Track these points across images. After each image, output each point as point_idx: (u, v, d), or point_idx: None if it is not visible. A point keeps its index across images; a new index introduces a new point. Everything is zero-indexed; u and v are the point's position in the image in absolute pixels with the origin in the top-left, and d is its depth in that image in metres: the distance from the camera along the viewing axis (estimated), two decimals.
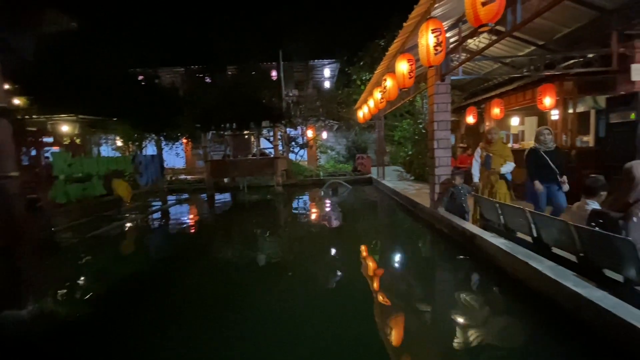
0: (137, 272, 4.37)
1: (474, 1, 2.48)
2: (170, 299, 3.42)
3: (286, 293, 3.43)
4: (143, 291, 3.70)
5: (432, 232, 5.28)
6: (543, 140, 4.24)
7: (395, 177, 12.44)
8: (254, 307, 3.10)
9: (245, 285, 3.71)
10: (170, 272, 4.30)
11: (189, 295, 3.49)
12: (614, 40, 5.03)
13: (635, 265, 2.34)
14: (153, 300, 3.43)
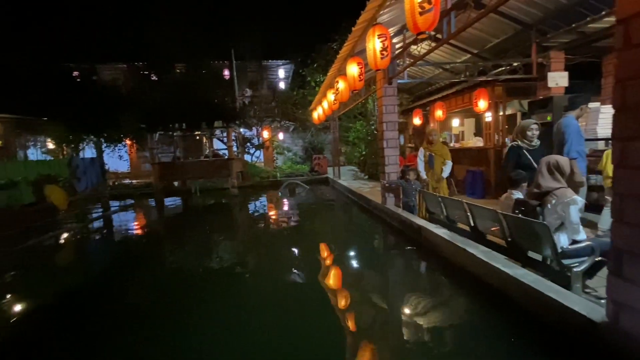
0: (73, 287, 3.98)
1: (413, 11, 2.69)
2: (111, 315, 3.11)
3: (242, 298, 3.34)
4: (80, 308, 3.34)
5: (384, 226, 5.57)
6: (530, 137, 3.65)
7: (351, 176, 12.83)
8: (207, 319, 2.90)
9: (197, 295, 3.42)
10: (113, 286, 3.96)
11: (132, 310, 3.21)
12: (534, 51, 5.73)
13: (551, 245, 2.71)
14: (91, 318, 3.08)
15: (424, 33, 2.80)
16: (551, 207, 2.86)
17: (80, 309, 3.32)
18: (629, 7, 1.61)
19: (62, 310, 3.31)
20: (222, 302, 3.24)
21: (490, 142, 7.25)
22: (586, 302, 2.14)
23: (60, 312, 3.28)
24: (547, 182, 2.86)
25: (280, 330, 2.66)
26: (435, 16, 2.75)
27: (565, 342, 2.08)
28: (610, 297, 1.82)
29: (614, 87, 1.72)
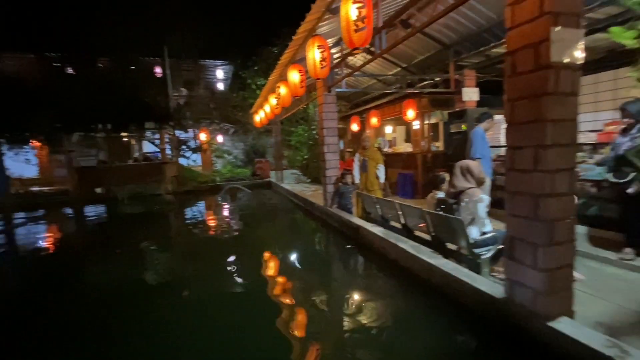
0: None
1: (349, 28, 2.94)
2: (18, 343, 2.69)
3: (176, 318, 3.01)
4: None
5: (326, 228, 5.80)
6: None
7: (293, 180, 12.96)
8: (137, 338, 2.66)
9: (123, 316, 3.07)
10: (20, 310, 3.40)
11: (45, 336, 2.81)
12: (451, 68, 6.55)
13: (465, 237, 3.16)
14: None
15: (358, 49, 3.06)
16: (464, 204, 3.34)
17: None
18: (514, 43, 2.03)
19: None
20: (151, 327, 2.87)
21: (418, 148, 8.03)
22: (491, 283, 2.56)
23: None
24: (461, 182, 3.34)
25: (219, 345, 2.57)
26: (368, 34, 3.03)
27: (476, 316, 2.46)
28: (506, 276, 2.24)
29: (504, 106, 2.14)
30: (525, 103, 1.97)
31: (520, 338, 2.09)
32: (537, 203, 1.94)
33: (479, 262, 3.12)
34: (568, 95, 1.87)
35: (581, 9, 1.87)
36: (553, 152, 1.88)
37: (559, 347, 1.86)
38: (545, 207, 1.91)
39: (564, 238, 1.95)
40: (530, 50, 1.90)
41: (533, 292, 2.01)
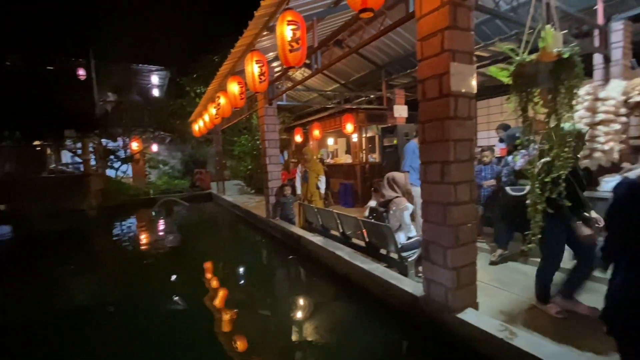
0: None
1: (284, 48, 3.08)
2: None
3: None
4: None
5: (269, 239, 5.80)
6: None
7: (237, 191, 12.63)
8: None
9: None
10: None
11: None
12: (384, 87, 7.14)
13: (393, 242, 3.46)
14: None
15: (294, 67, 3.22)
16: (392, 212, 3.67)
17: None
18: (424, 73, 2.35)
19: None
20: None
21: (357, 159, 8.49)
22: (415, 283, 2.84)
23: None
24: (389, 192, 3.66)
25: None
26: (303, 54, 3.21)
27: (402, 314, 2.71)
28: (424, 275, 2.52)
29: (418, 127, 2.45)
30: (433, 125, 2.29)
31: (436, 330, 2.37)
32: (444, 210, 2.25)
33: (406, 264, 3.44)
34: (465, 119, 2.23)
35: (472, 49, 2.26)
36: (455, 167, 2.22)
37: (465, 334, 2.15)
38: (451, 214, 2.22)
39: (467, 240, 2.29)
40: (436, 80, 2.23)
41: (445, 289, 2.31)
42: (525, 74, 1.68)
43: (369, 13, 2.22)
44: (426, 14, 2.25)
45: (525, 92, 1.71)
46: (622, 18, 3.81)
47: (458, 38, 2.16)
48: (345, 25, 3.50)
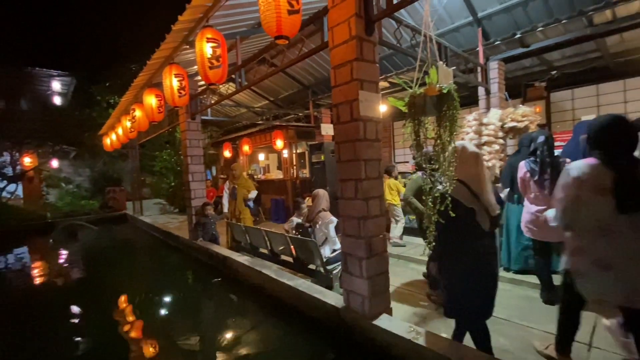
0: None
1: (204, 65, 3.03)
2: None
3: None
4: None
5: (192, 262, 5.42)
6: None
7: (157, 211, 11.58)
8: None
9: None
10: None
11: None
12: (311, 106, 7.44)
13: (319, 256, 3.57)
14: None
15: (215, 85, 3.18)
16: (318, 226, 3.80)
17: None
18: (338, 98, 2.54)
19: None
20: None
21: (288, 175, 8.59)
22: (338, 296, 2.95)
23: None
24: (315, 207, 3.80)
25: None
26: (224, 72, 3.20)
27: (326, 327, 2.78)
28: (343, 287, 2.65)
29: (334, 147, 2.62)
30: (347, 146, 2.48)
31: (356, 338, 2.49)
32: (359, 224, 2.43)
33: (331, 277, 3.57)
34: (373, 141, 2.47)
35: (378, 79, 2.54)
36: (367, 184, 2.43)
37: (381, 339, 2.32)
38: (364, 227, 2.41)
39: (379, 250, 2.49)
40: (348, 105, 2.44)
41: (362, 298, 2.46)
42: (416, 104, 1.96)
43: (284, 40, 2.34)
44: (337, 45, 2.47)
45: (417, 120, 1.99)
46: (496, 59, 4.70)
47: (365, 69, 2.41)
48: (267, 48, 3.60)
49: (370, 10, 2.37)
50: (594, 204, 1.65)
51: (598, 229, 1.67)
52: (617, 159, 1.64)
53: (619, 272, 1.62)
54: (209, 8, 3.17)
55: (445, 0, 4.20)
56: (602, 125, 1.74)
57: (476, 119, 4.20)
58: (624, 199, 1.58)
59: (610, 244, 1.63)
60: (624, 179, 1.59)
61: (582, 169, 1.70)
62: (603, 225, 1.65)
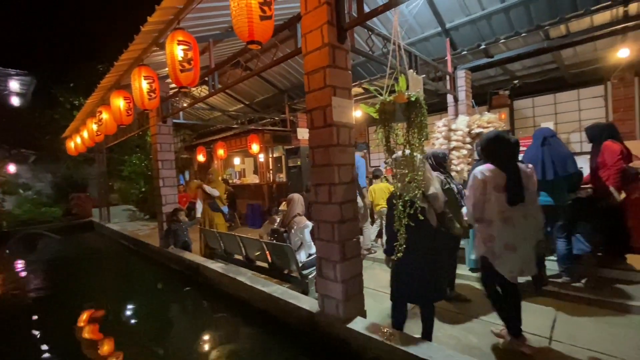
0: None
1: (175, 68, 2.96)
2: None
3: None
4: None
5: (164, 271, 5.22)
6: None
7: (126, 217, 11.06)
8: None
9: None
10: None
11: None
12: (287, 110, 7.43)
13: (294, 261, 3.56)
14: None
15: (187, 88, 3.11)
16: (294, 231, 3.79)
17: None
18: (311, 104, 2.57)
19: None
20: None
21: (264, 179, 8.51)
22: (312, 300, 2.95)
23: None
24: (290, 212, 3.79)
25: None
26: (196, 75, 3.14)
27: (301, 332, 2.77)
28: (318, 291, 2.66)
29: (309, 152, 2.64)
30: (321, 151, 2.51)
31: (331, 343, 2.50)
32: (333, 228, 2.46)
33: (306, 281, 3.56)
34: (347, 146, 2.52)
35: (350, 85, 2.59)
36: (341, 188, 2.46)
37: (355, 342, 2.34)
38: (338, 231, 2.44)
39: (353, 254, 2.53)
40: (321, 111, 2.47)
41: (336, 301, 2.48)
42: (387, 111, 2.03)
43: (256, 45, 2.34)
44: (311, 51, 2.50)
45: (388, 126, 2.06)
46: (463, 68, 4.93)
47: (338, 75, 2.46)
48: (240, 52, 3.58)
49: (342, 18, 2.43)
50: (495, 199, 2.15)
51: (502, 219, 2.15)
52: (506, 164, 2.16)
53: (521, 251, 2.14)
54: (180, 10, 3.11)
55: (415, 10, 4.36)
56: (489, 139, 2.27)
57: (445, 125, 4.37)
58: (512, 194, 2.12)
59: (512, 230, 2.15)
60: (512, 179, 2.13)
61: (485, 172, 2.19)
62: (504, 216, 2.15)
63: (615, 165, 3.17)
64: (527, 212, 2.15)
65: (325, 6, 2.36)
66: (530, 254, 2.17)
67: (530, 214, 2.16)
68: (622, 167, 3.18)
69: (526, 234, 2.15)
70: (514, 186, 2.13)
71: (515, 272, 2.19)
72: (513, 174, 2.14)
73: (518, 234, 2.14)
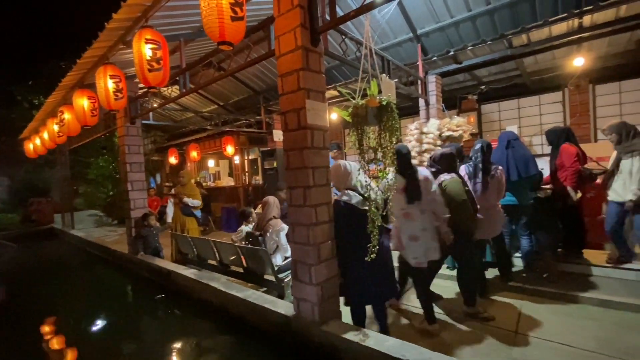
0: None
1: (142, 67, 2.85)
2: None
3: None
4: None
5: (133, 279, 4.98)
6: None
7: (92, 223, 10.49)
8: None
9: None
10: None
11: None
12: (262, 112, 7.35)
13: (270, 265, 3.51)
14: None
15: (155, 88, 3.00)
16: (269, 235, 3.75)
17: None
18: (285, 106, 2.55)
19: None
20: None
21: (240, 182, 8.37)
22: (288, 304, 2.92)
23: None
24: (265, 215, 3.74)
25: None
26: (165, 75, 3.03)
27: (277, 337, 2.74)
28: (294, 295, 2.64)
29: (283, 154, 2.62)
30: (295, 153, 2.50)
31: (307, 347, 2.49)
32: (308, 231, 2.45)
33: (282, 285, 3.53)
34: (321, 149, 2.52)
35: (324, 88, 2.60)
36: (315, 191, 2.46)
37: (330, 344, 2.34)
38: (313, 234, 2.43)
39: (328, 256, 2.53)
40: (295, 113, 2.46)
41: (312, 304, 2.47)
42: (359, 115, 2.05)
43: (227, 46, 2.30)
44: (284, 53, 2.49)
45: (360, 129, 2.08)
46: (434, 73, 5.10)
47: (311, 78, 2.46)
48: (212, 52, 3.50)
49: (316, 22, 2.43)
50: (398, 199, 2.55)
51: (403, 215, 2.58)
52: (406, 170, 2.54)
53: (421, 241, 2.55)
54: (148, 8, 3.00)
55: (387, 16, 4.46)
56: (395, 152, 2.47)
57: (417, 128, 4.50)
58: (410, 194, 2.52)
59: (412, 223, 2.57)
60: (410, 182, 2.52)
61: (390, 177, 2.39)
62: (405, 212, 2.57)
63: (572, 166, 3.39)
64: (423, 208, 2.55)
65: (298, 9, 2.36)
66: (430, 242, 2.58)
67: (427, 210, 2.57)
68: (578, 168, 3.41)
69: (425, 226, 2.57)
70: (412, 188, 2.53)
71: (419, 259, 2.57)
72: (411, 178, 2.54)
73: (417, 226, 2.56)
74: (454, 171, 2.84)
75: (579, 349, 2.33)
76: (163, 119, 8.97)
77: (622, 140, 3.16)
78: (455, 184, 2.73)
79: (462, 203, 2.68)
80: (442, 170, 2.83)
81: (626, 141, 3.13)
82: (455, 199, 2.67)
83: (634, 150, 3.05)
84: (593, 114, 5.95)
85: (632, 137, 3.12)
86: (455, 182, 2.74)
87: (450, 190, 2.70)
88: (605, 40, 4.45)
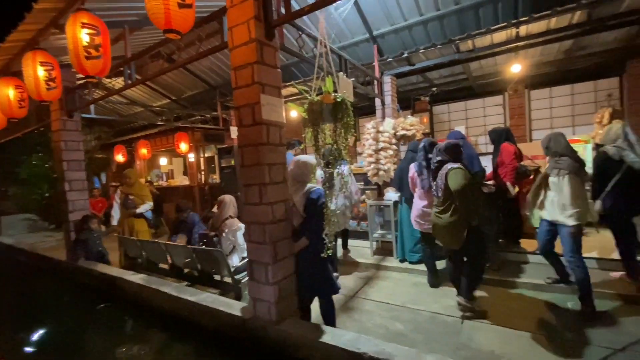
0: None
1: (78, 54, 2.57)
2: None
3: None
4: None
5: (73, 288, 4.52)
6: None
7: (25, 228, 9.40)
8: None
9: None
10: None
11: None
12: (219, 107, 7.08)
13: (226, 266, 3.39)
14: None
15: (95, 77, 2.74)
16: (225, 235, 3.62)
17: None
18: (239, 101, 2.47)
19: None
20: None
21: (195, 181, 7.99)
22: (245, 306, 2.85)
23: None
24: (221, 215, 3.61)
25: None
26: (106, 64, 2.78)
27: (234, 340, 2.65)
28: (250, 295, 2.57)
29: (237, 151, 2.53)
30: (250, 150, 2.42)
31: (265, 347, 2.44)
32: (264, 229, 2.39)
33: (240, 286, 3.43)
34: (277, 145, 2.48)
35: (280, 84, 2.56)
36: (272, 189, 2.41)
37: (288, 343, 2.31)
38: (269, 232, 2.38)
39: (285, 254, 2.50)
40: (250, 108, 2.39)
41: (268, 304, 2.42)
42: (314, 111, 2.05)
43: (175, 35, 2.16)
44: (238, 46, 2.40)
45: (316, 125, 2.08)
46: (389, 74, 5.26)
47: (266, 73, 2.40)
48: (161, 42, 3.29)
49: (270, 15, 2.38)
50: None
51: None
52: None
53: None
54: None
55: (344, 15, 4.52)
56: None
57: (374, 127, 4.62)
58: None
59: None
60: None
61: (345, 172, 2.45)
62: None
63: (510, 163, 3.70)
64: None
65: (252, 1, 2.29)
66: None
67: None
68: (516, 165, 3.73)
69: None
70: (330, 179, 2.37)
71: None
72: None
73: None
74: (459, 161, 2.83)
75: (519, 331, 2.55)
76: (108, 113, 8.27)
77: (548, 153, 2.90)
78: (459, 172, 2.67)
79: (463, 190, 2.59)
80: (448, 160, 2.83)
81: (554, 156, 2.84)
82: (458, 187, 2.61)
83: (560, 168, 2.75)
84: (528, 117, 6.56)
85: (560, 154, 2.80)
86: (459, 170, 2.69)
87: (454, 178, 2.65)
88: (538, 49, 4.91)
